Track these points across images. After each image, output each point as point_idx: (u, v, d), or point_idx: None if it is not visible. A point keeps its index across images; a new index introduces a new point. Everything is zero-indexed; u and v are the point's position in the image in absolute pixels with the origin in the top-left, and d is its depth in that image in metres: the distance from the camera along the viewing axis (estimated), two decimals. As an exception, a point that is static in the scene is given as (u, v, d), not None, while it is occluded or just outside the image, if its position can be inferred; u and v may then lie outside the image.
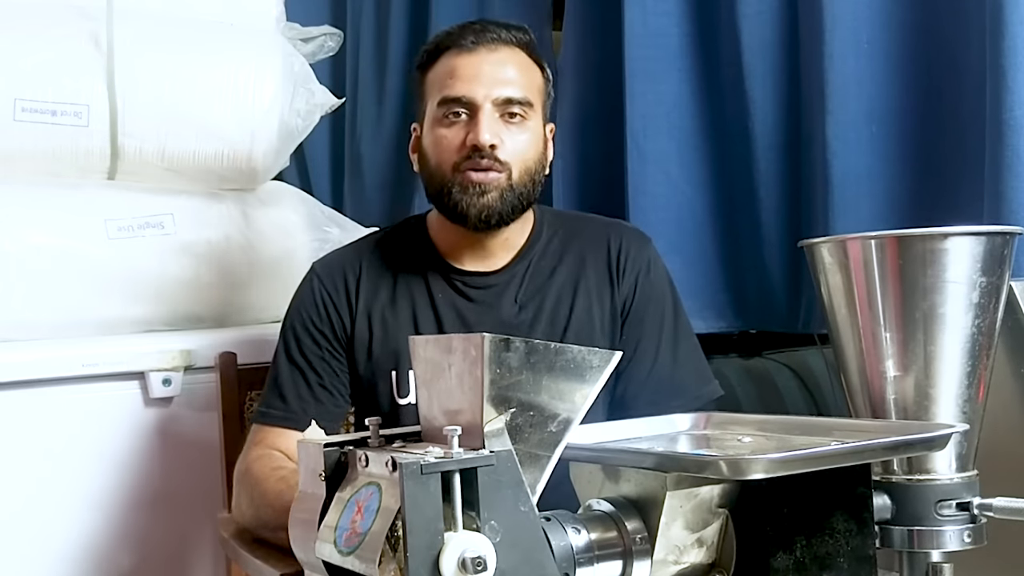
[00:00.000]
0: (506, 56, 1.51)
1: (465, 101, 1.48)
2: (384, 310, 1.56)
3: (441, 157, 1.50)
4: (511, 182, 1.48)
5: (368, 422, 0.93)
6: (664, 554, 0.92)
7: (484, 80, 1.48)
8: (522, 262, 1.57)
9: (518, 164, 1.49)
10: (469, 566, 0.78)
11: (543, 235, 1.60)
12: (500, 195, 1.48)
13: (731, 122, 1.89)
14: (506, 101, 1.48)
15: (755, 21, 1.82)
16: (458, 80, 1.49)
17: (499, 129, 1.47)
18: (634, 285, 1.58)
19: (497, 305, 1.55)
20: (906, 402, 1.06)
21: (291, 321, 1.59)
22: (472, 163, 1.47)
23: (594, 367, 0.89)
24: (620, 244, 1.59)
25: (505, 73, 1.50)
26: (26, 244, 1.93)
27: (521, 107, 1.49)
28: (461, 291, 1.56)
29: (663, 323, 1.58)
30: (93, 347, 1.93)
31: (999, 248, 1.05)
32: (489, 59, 1.50)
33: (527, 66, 1.53)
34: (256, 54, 2.10)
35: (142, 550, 1.96)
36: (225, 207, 2.10)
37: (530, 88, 1.52)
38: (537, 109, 1.52)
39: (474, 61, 1.49)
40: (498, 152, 1.47)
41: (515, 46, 1.52)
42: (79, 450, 1.91)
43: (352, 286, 1.58)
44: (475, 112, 1.47)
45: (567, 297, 1.56)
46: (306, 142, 2.36)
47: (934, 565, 1.03)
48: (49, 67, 1.94)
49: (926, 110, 1.62)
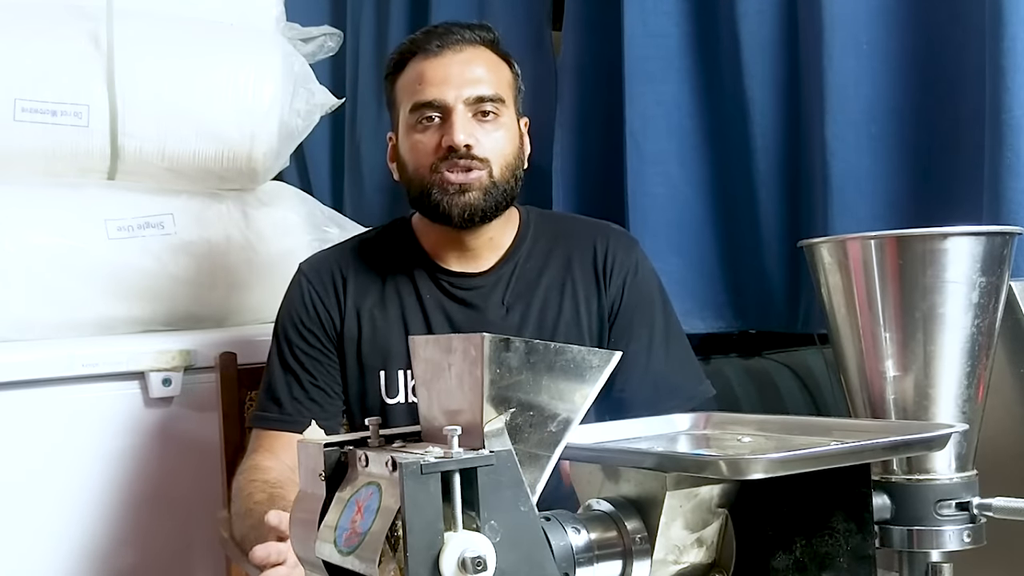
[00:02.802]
0: (472, 55, 1.52)
1: (437, 104, 1.48)
2: (373, 309, 1.57)
3: (418, 161, 1.50)
4: (493, 179, 1.49)
5: (368, 422, 0.93)
6: (664, 554, 0.92)
7: (453, 81, 1.49)
8: (508, 263, 1.57)
9: (498, 160, 1.50)
10: (469, 566, 0.78)
11: (529, 236, 1.60)
12: (483, 192, 1.48)
13: (731, 122, 1.89)
14: (477, 100, 1.49)
15: (755, 21, 1.82)
16: (427, 84, 1.49)
17: (473, 128, 1.48)
18: (621, 288, 1.57)
19: (484, 307, 1.55)
20: (906, 402, 1.06)
21: (282, 323, 1.60)
22: (449, 164, 1.47)
23: (594, 367, 0.89)
24: (607, 247, 1.59)
25: (473, 72, 1.50)
26: (26, 244, 1.94)
27: (493, 104, 1.50)
28: (448, 292, 1.56)
29: (653, 325, 1.57)
30: (93, 347, 1.93)
31: (999, 248, 1.05)
32: (456, 60, 1.50)
33: (494, 63, 1.54)
34: (256, 54, 2.10)
35: (142, 550, 1.96)
36: (225, 207, 2.10)
37: (500, 84, 1.52)
38: (509, 104, 1.53)
39: (442, 63, 1.50)
40: (475, 151, 1.47)
41: (480, 44, 1.53)
42: (79, 450, 1.91)
43: (340, 285, 1.58)
44: (448, 114, 1.48)
45: (554, 300, 1.56)
46: (306, 142, 2.37)
47: (934, 565, 1.03)
48: (49, 67, 1.95)
49: (925, 110, 1.62)
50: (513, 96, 1.56)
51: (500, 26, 2.28)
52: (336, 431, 1.50)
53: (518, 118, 1.56)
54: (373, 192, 2.72)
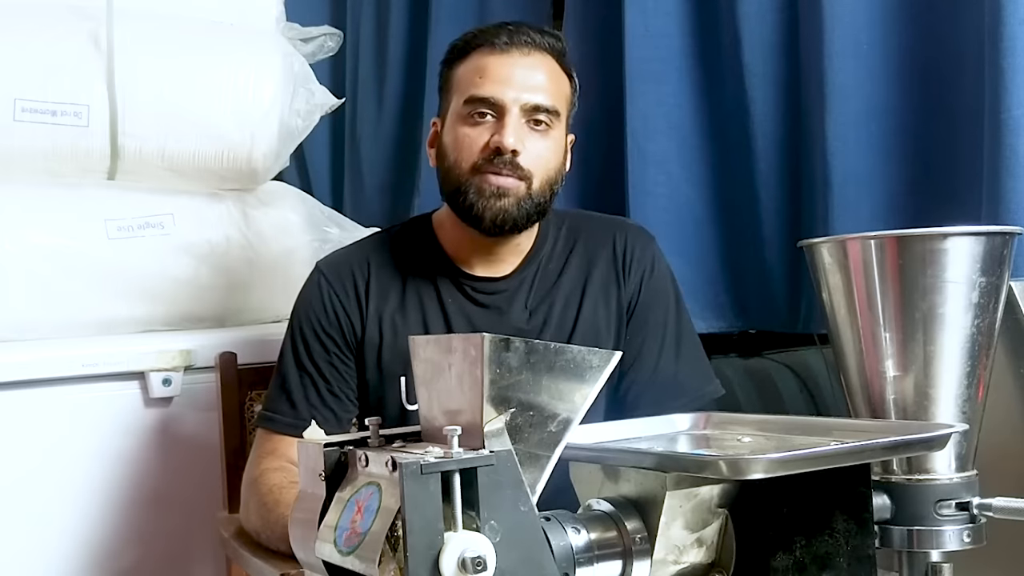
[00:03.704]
0: (538, 61, 1.48)
1: (493, 102, 1.44)
2: (394, 315, 1.53)
3: (461, 155, 1.46)
4: (530, 191, 1.46)
5: (368, 422, 0.93)
6: (664, 554, 0.92)
7: (515, 83, 1.45)
8: (531, 267, 1.55)
9: (539, 173, 1.46)
10: (469, 566, 0.78)
11: (549, 237, 1.58)
12: (517, 202, 1.45)
13: (731, 122, 1.89)
14: (534, 108, 1.45)
15: (755, 21, 1.82)
16: (488, 80, 1.45)
17: (524, 135, 1.44)
18: (639, 284, 1.56)
19: (508, 311, 1.53)
20: (906, 402, 1.06)
21: (299, 322, 1.55)
22: (493, 166, 1.44)
23: (594, 367, 0.89)
24: (625, 243, 1.58)
25: (536, 79, 1.46)
26: (26, 244, 1.93)
27: (548, 115, 1.46)
28: (471, 297, 1.54)
29: (667, 322, 1.57)
30: (93, 347, 1.93)
31: (998, 248, 1.06)
32: (521, 62, 1.46)
33: (558, 74, 1.50)
34: (256, 54, 2.10)
35: (142, 550, 1.96)
36: (225, 207, 2.10)
37: (559, 97, 1.49)
38: (562, 119, 1.50)
39: (506, 62, 1.46)
40: (520, 158, 1.44)
41: (548, 52, 1.49)
42: (79, 450, 1.91)
43: (362, 288, 1.54)
44: (502, 115, 1.44)
45: (575, 300, 1.55)
46: (306, 142, 2.36)
47: (933, 565, 1.03)
48: (49, 67, 1.94)
49: (925, 110, 1.62)
50: (568, 111, 1.52)
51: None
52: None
53: (566, 134, 1.53)
54: (373, 192, 2.72)
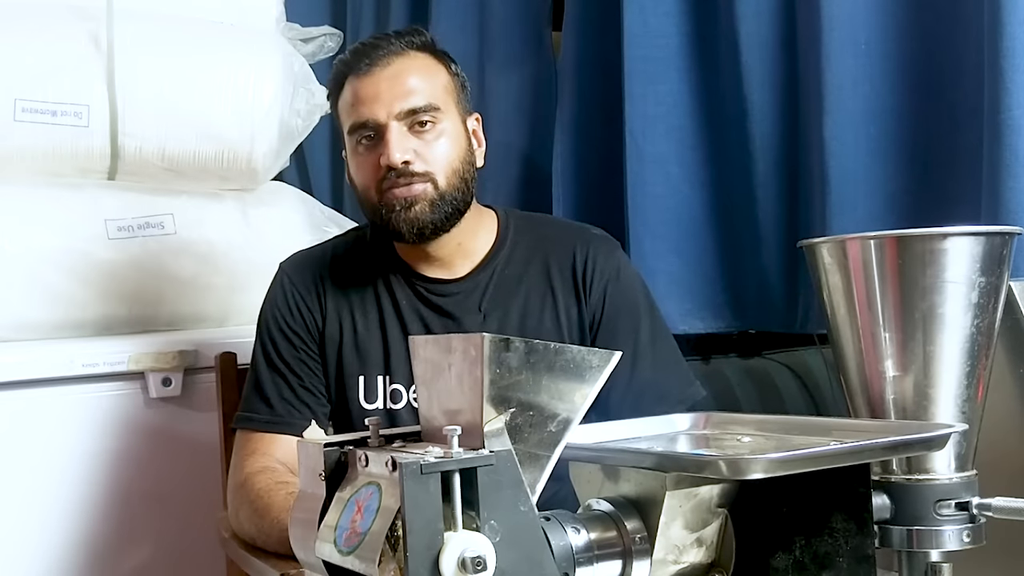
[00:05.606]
0: (401, 67, 1.49)
1: (371, 124, 1.47)
2: (354, 312, 1.56)
3: (364, 182, 1.50)
4: (439, 191, 1.47)
5: (368, 422, 0.93)
6: (664, 554, 0.92)
7: (383, 98, 1.47)
8: (486, 270, 1.56)
9: (441, 170, 1.48)
10: (469, 566, 0.78)
11: (508, 241, 1.58)
12: (430, 205, 1.47)
13: (730, 122, 1.89)
14: (410, 112, 1.47)
15: (754, 21, 1.82)
16: (359, 104, 1.48)
17: (410, 143, 1.46)
18: (603, 295, 1.55)
19: (460, 314, 1.54)
20: (905, 402, 1.06)
21: (265, 323, 1.59)
22: (392, 182, 1.46)
23: (594, 367, 0.89)
24: (587, 253, 1.56)
25: (403, 85, 1.48)
26: (26, 244, 1.94)
27: (428, 113, 1.48)
28: (424, 298, 1.55)
29: (639, 330, 1.55)
30: (93, 347, 1.93)
31: (998, 248, 1.06)
32: (384, 75, 1.48)
33: (426, 69, 1.51)
34: (256, 54, 2.10)
35: (142, 550, 1.96)
36: (225, 207, 2.10)
37: (434, 91, 1.50)
38: (448, 108, 1.51)
39: (371, 81, 1.48)
40: (414, 166, 1.46)
41: (410, 51, 1.51)
42: (79, 450, 1.91)
43: (322, 286, 1.58)
44: (382, 133, 1.46)
45: (535, 307, 1.54)
46: (306, 142, 2.36)
47: (933, 565, 1.03)
48: (49, 67, 1.95)
49: (924, 110, 1.62)
50: (454, 98, 1.52)
51: (500, 26, 2.32)
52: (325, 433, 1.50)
53: (463, 118, 1.53)
54: (373, 192, 2.72)
